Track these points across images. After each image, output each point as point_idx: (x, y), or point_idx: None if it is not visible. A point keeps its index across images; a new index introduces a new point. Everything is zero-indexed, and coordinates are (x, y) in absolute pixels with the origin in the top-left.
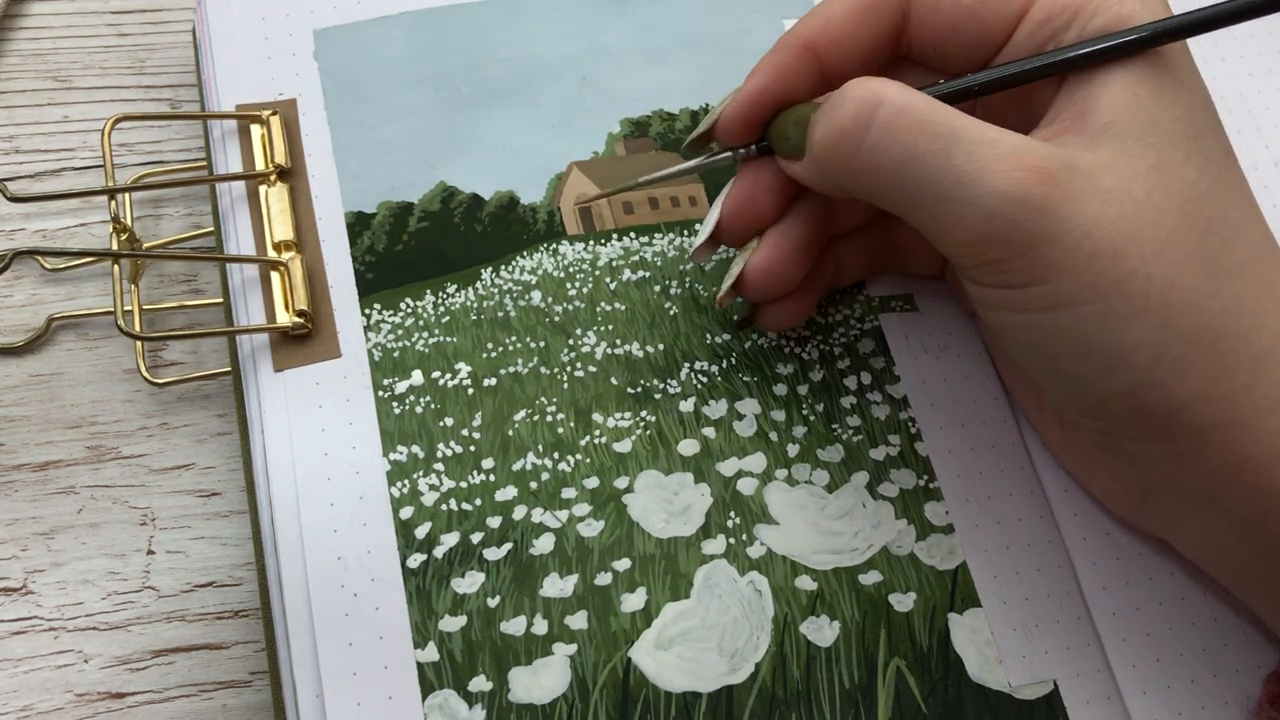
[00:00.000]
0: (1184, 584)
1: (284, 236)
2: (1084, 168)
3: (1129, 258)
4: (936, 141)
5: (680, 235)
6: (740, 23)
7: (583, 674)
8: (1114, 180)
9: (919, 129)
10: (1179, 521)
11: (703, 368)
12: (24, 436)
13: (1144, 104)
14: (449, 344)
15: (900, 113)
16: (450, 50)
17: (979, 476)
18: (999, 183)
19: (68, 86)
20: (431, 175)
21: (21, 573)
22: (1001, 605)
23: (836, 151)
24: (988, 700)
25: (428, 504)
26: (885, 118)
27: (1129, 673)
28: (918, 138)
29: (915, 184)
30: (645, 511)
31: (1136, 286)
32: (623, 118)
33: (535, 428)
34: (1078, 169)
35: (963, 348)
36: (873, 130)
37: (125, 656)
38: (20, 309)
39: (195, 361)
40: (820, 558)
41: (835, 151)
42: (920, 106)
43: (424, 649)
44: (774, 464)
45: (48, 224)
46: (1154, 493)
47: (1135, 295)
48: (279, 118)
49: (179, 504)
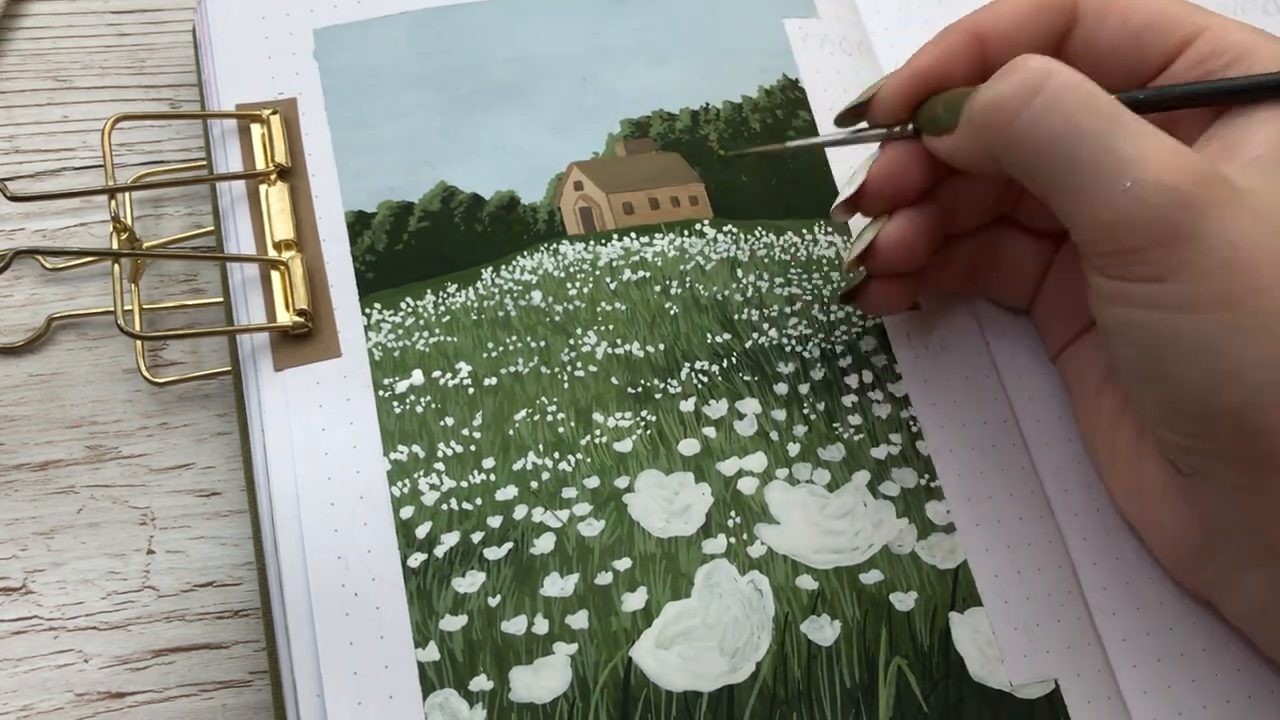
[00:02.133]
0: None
1: (284, 236)
2: (1234, 184)
3: (1263, 276)
4: (1100, 121)
5: (680, 235)
6: (740, 23)
7: (583, 673)
8: (1260, 203)
9: (1086, 104)
10: (1241, 576)
11: (703, 367)
12: (24, 436)
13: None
14: (449, 343)
15: (1069, 87)
16: (450, 50)
17: (980, 476)
18: (1156, 171)
19: (68, 86)
20: (431, 175)
21: (21, 573)
22: (1002, 604)
23: (998, 116)
24: (988, 699)
25: (428, 503)
26: (1055, 87)
27: (1129, 672)
28: (1083, 113)
29: (1071, 158)
30: (646, 511)
31: (1266, 305)
32: (623, 118)
33: (536, 427)
34: (1230, 184)
35: (964, 347)
36: (1040, 97)
37: (125, 656)
38: (20, 309)
39: (195, 361)
40: (821, 557)
41: (997, 116)
42: (1088, 86)
43: (425, 648)
44: (775, 463)
45: (48, 224)
46: (1221, 539)
47: (1264, 313)
48: (279, 117)
49: (179, 504)
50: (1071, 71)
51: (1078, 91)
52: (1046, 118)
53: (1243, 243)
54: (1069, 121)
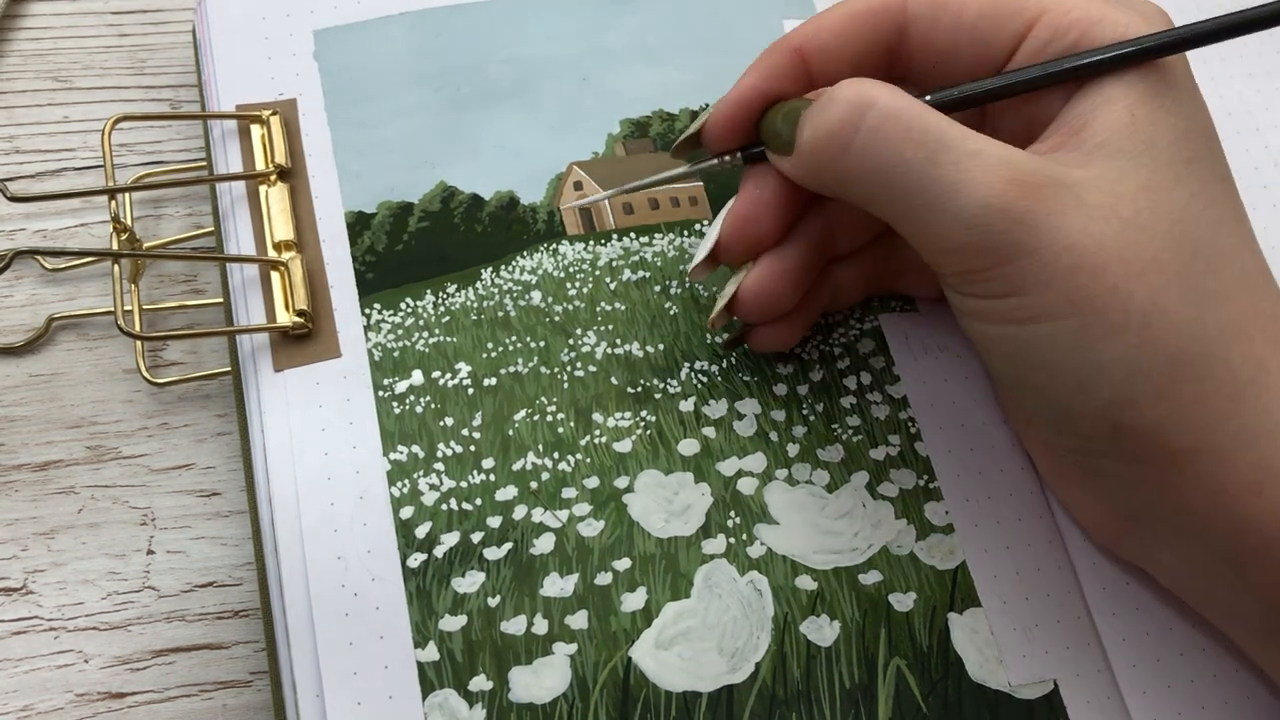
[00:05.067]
0: None
1: (284, 236)
2: (1070, 183)
3: (1110, 274)
4: (922, 150)
5: (680, 235)
6: (740, 23)
7: (583, 673)
8: (1101, 197)
9: (906, 135)
10: (1157, 552)
11: (703, 367)
12: (24, 436)
13: (1141, 124)
14: (449, 344)
15: (888, 117)
16: (450, 50)
17: (979, 476)
18: (981, 193)
19: (68, 86)
20: (431, 175)
21: (21, 573)
22: (1001, 605)
23: (824, 153)
24: (988, 700)
25: (428, 503)
26: (874, 122)
27: (1129, 672)
28: (904, 144)
29: (901, 190)
30: (645, 511)
31: (1116, 303)
32: (623, 118)
33: (535, 427)
34: (1064, 184)
35: (963, 348)
36: (860, 134)
37: (125, 656)
38: (20, 309)
39: (195, 361)
40: (820, 557)
41: (823, 153)
42: (910, 112)
43: (424, 648)
44: (774, 464)
45: (48, 224)
46: (1132, 521)
47: (1114, 312)
48: (279, 118)
49: (179, 504)
50: (891, 94)
51: (896, 121)
52: (871, 153)
53: (1083, 246)
54: (892, 156)
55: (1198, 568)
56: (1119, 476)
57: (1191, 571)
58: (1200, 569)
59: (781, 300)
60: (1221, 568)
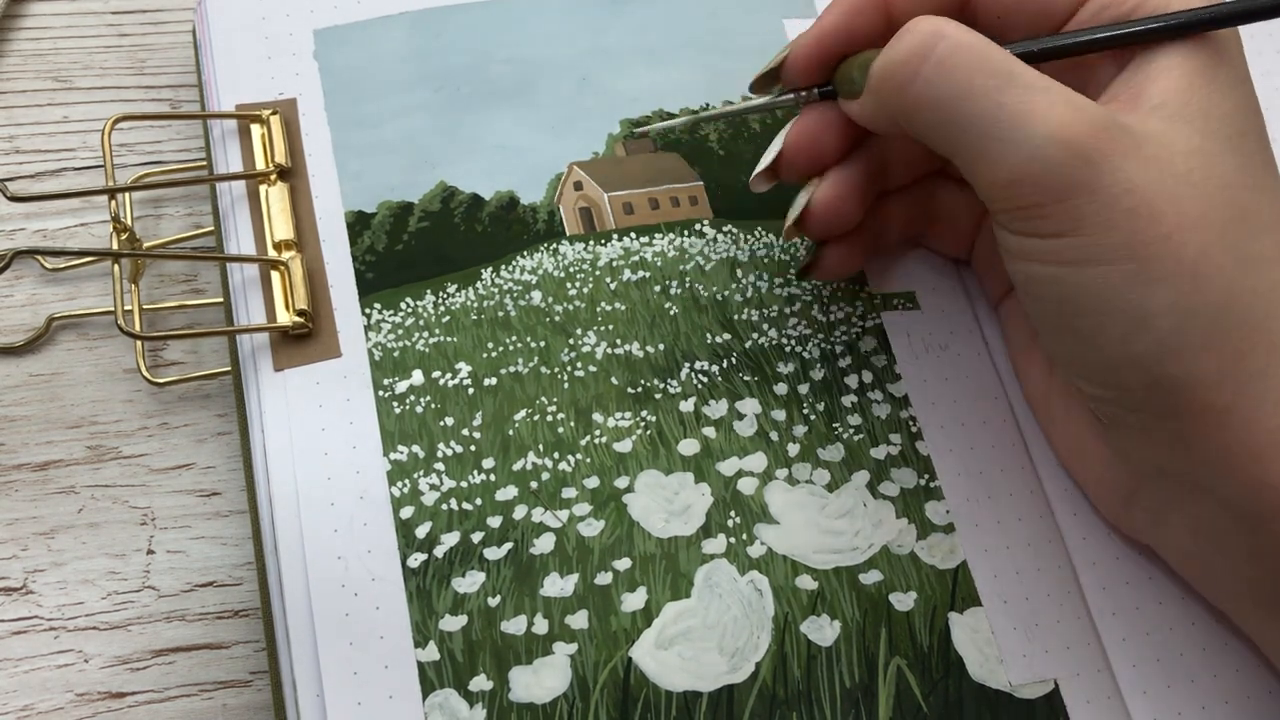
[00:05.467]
0: (1184, 583)
1: (284, 236)
2: (1133, 131)
3: (1165, 222)
4: (992, 79)
5: (680, 235)
6: (740, 23)
7: (583, 673)
8: (1159, 150)
9: (976, 64)
10: (1168, 517)
11: (703, 367)
12: (24, 436)
13: (1197, 94)
14: (449, 344)
15: (960, 47)
16: (450, 50)
17: (979, 476)
18: (1047, 126)
19: (68, 86)
20: (431, 175)
21: (21, 572)
22: (1002, 604)
23: (893, 82)
24: (988, 699)
25: (428, 503)
26: (945, 50)
27: (1129, 672)
28: (974, 73)
29: (966, 118)
30: (645, 511)
31: (1169, 251)
32: (623, 118)
33: (535, 427)
34: (1127, 130)
35: (964, 346)
36: (930, 62)
37: (125, 656)
38: (20, 309)
39: (195, 361)
40: (821, 557)
41: (892, 82)
42: (980, 45)
43: (424, 648)
44: (774, 463)
45: (48, 224)
46: (1146, 483)
47: (1167, 259)
48: (279, 117)
49: (179, 504)
50: (963, 31)
51: (969, 52)
52: (940, 80)
53: (1144, 190)
54: (961, 82)
55: (1207, 532)
56: (1147, 431)
57: (1199, 538)
58: (1209, 533)
59: (848, 214)
60: (1233, 529)
